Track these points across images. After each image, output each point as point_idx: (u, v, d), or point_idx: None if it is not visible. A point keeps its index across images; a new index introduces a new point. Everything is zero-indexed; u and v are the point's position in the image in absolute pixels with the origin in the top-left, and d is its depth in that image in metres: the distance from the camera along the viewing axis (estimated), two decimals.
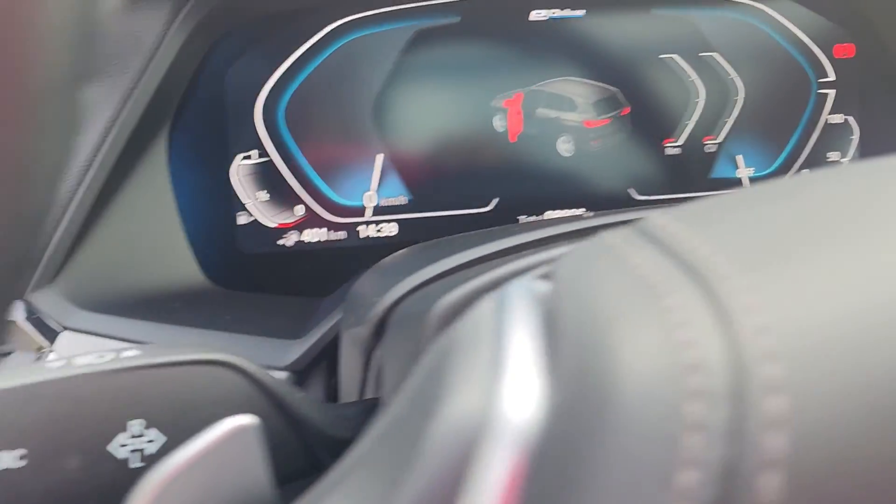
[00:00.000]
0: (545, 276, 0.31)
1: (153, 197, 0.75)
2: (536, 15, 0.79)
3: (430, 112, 0.79)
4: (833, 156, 0.85)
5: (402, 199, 0.80)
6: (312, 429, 0.43)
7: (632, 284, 0.22)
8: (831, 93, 0.84)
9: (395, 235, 0.80)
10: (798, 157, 0.84)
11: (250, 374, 0.44)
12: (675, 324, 0.20)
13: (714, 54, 0.82)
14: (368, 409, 0.45)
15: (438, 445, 0.22)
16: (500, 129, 0.80)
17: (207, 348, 0.42)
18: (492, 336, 0.25)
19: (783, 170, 0.84)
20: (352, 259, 0.76)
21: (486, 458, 0.20)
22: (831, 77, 0.84)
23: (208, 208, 0.77)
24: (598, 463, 0.18)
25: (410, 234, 0.80)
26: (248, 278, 0.79)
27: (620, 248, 0.25)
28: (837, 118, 0.85)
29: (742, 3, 0.82)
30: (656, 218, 0.26)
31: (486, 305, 0.28)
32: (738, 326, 0.19)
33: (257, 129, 0.77)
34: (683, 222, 0.25)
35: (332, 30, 0.76)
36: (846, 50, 0.84)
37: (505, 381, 0.22)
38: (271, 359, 0.65)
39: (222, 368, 0.43)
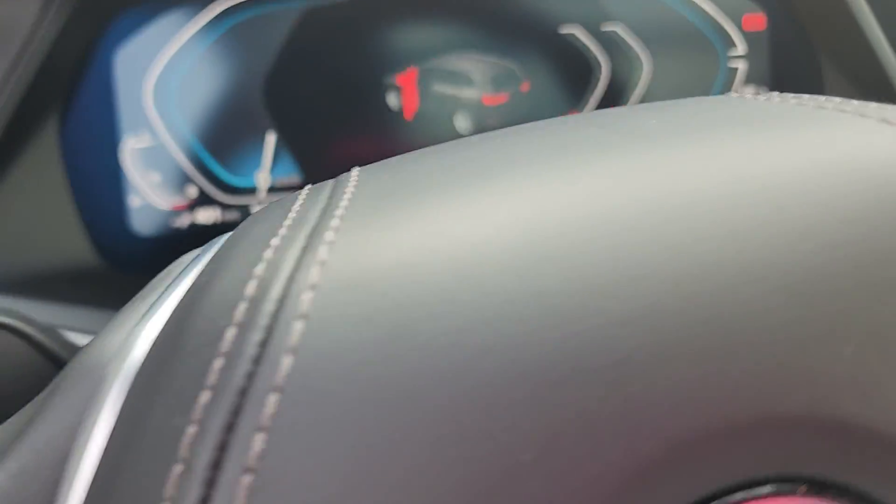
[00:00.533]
0: None
1: (45, 180, 0.76)
2: None
3: (322, 91, 0.79)
4: None
5: (294, 179, 0.79)
6: None
7: (266, 229, 0.24)
8: (742, 65, 0.81)
9: None
10: None
11: (30, 336, 0.43)
12: (261, 261, 0.21)
13: (616, 28, 0.80)
14: None
15: (73, 378, 0.25)
16: (395, 107, 0.79)
17: None
18: (165, 281, 0.29)
19: None
20: None
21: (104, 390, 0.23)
22: (741, 50, 0.81)
23: (101, 191, 0.78)
24: (162, 382, 0.20)
25: None
26: (143, 260, 0.79)
27: (296, 198, 0.27)
28: (749, 91, 0.82)
29: None
30: (354, 170, 0.29)
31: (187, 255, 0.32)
32: (303, 263, 0.20)
33: (147, 111, 0.77)
34: (359, 176, 0.27)
35: (220, 12, 0.77)
36: (756, 21, 0.81)
37: (145, 323, 0.25)
38: None
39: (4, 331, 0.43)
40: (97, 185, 0.78)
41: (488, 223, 0.21)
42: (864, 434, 0.17)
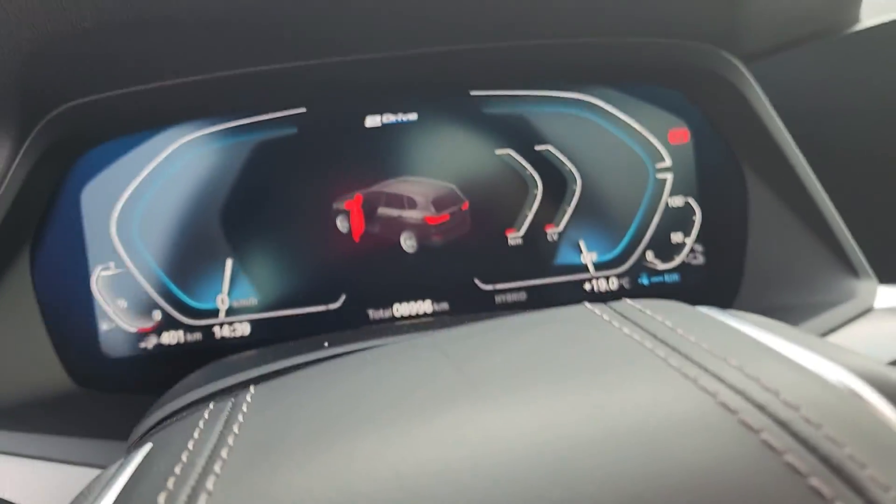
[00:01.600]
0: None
1: (18, 310, 0.81)
2: (371, 121, 0.84)
3: (275, 216, 0.84)
4: (677, 237, 0.87)
5: (253, 301, 0.84)
6: None
7: (166, 464, 0.30)
8: (669, 176, 0.87)
9: (248, 335, 0.85)
10: (641, 240, 0.87)
11: None
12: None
13: (548, 147, 0.86)
14: None
15: None
16: (344, 230, 0.85)
17: None
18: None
19: (628, 253, 0.87)
20: (209, 358, 0.81)
21: None
22: (667, 162, 0.87)
23: (73, 317, 0.83)
24: None
25: (262, 332, 0.84)
26: (113, 380, 0.84)
27: (196, 423, 0.32)
28: (677, 201, 0.87)
29: (571, 98, 0.85)
30: (250, 392, 0.35)
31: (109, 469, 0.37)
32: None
33: (113, 242, 0.83)
34: (247, 410, 0.32)
35: (176, 148, 0.82)
36: (681, 135, 0.87)
37: None
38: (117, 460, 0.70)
39: None
40: (69, 312, 0.83)
41: (337, 485, 0.25)
42: None
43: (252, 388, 0.36)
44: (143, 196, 0.83)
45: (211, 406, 0.35)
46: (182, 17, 0.60)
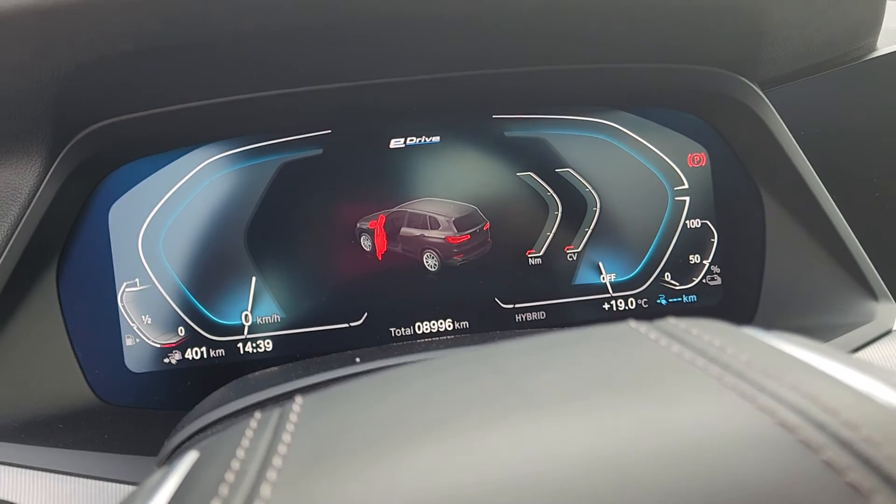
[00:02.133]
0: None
1: (44, 325, 0.82)
2: (396, 143, 0.85)
3: (300, 235, 0.85)
4: (694, 258, 0.89)
5: (276, 318, 0.85)
6: None
7: (216, 472, 0.31)
8: (687, 199, 0.88)
9: (270, 351, 0.85)
10: (660, 261, 0.88)
11: None
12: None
13: (569, 169, 0.87)
14: None
15: None
16: (367, 248, 0.86)
17: None
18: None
19: (646, 274, 0.88)
20: (232, 374, 0.82)
21: None
22: (686, 184, 0.88)
23: (98, 333, 0.84)
24: None
25: (285, 349, 0.85)
26: (136, 395, 0.85)
27: (244, 431, 0.33)
28: (695, 223, 0.88)
29: (591, 121, 0.87)
30: (297, 401, 0.35)
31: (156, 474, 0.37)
32: None
33: (140, 258, 0.84)
34: (298, 417, 0.33)
35: (203, 167, 0.84)
36: (699, 158, 0.88)
37: None
38: (140, 475, 0.71)
39: None
40: (93, 327, 0.84)
41: (392, 490, 0.26)
42: None
43: (299, 398, 0.36)
44: (169, 214, 0.84)
45: (257, 415, 0.36)
46: (214, 42, 0.61)
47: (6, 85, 0.62)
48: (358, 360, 0.61)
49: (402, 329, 0.87)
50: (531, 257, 0.88)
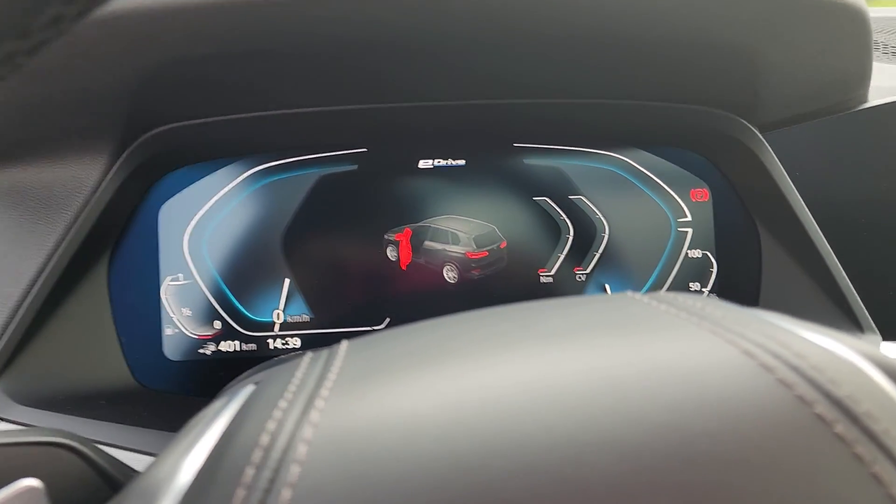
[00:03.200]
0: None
1: (93, 310, 0.90)
2: (424, 163, 0.94)
3: (332, 243, 0.93)
4: (694, 286, 0.95)
5: (305, 318, 0.93)
6: None
7: (275, 392, 0.35)
8: (689, 231, 0.95)
9: (298, 348, 0.92)
10: (662, 286, 0.95)
11: (85, 454, 0.55)
12: (272, 419, 0.32)
13: (581, 197, 0.95)
14: None
15: (131, 500, 0.34)
16: (393, 259, 0.93)
17: (51, 431, 0.53)
18: (201, 422, 0.38)
19: None
20: None
21: None
22: (689, 217, 0.95)
23: (140, 321, 0.91)
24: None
25: (311, 346, 0.92)
26: (172, 382, 0.92)
27: (298, 365, 0.38)
28: (696, 253, 0.95)
29: (604, 154, 0.95)
30: (343, 343, 0.41)
31: (217, 402, 0.42)
32: (302, 423, 0.31)
33: (184, 255, 0.92)
34: (345, 352, 0.38)
35: (247, 176, 0.92)
36: (701, 194, 0.96)
37: (186, 457, 0.34)
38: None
39: (60, 449, 0.54)
40: (137, 316, 0.91)
41: (425, 401, 0.31)
42: None
43: (344, 342, 0.42)
44: (214, 217, 0.92)
45: (309, 354, 0.42)
46: (278, 51, 0.70)
47: (89, 81, 0.71)
48: None
49: None
50: (543, 276, 0.95)
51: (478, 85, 0.86)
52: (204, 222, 0.92)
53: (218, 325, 0.92)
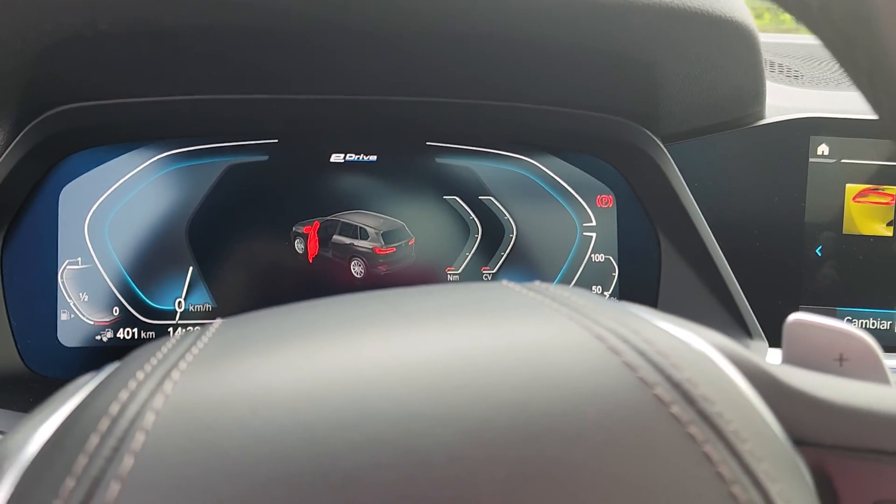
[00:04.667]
0: None
1: None
2: (336, 157, 0.94)
3: (238, 233, 0.92)
4: (597, 288, 0.98)
5: (208, 307, 0.91)
6: None
7: (138, 364, 0.34)
8: (593, 235, 0.98)
9: None
10: None
11: None
12: (125, 389, 0.32)
13: (491, 198, 0.96)
14: None
15: None
16: (300, 251, 0.93)
17: None
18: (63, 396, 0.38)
19: None
20: None
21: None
22: (594, 222, 0.98)
23: (34, 305, 0.89)
24: (44, 472, 0.30)
25: None
26: (65, 368, 0.89)
27: (169, 340, 0.38)
28: (599, 257, 0.98)
29: (515, 157, 0.97)
30: (217, 321, 0.40)
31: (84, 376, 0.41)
32: (155, 393, 0.31)
33: (85, 240, 0.90)
34: (217, 328, 0.38)
35: (154, 161, 0.91)
36: (607, 200, 0.98)
37: (39, 427, 0.34)
38: None
39: None
40: (31, 299, 0.89)
41: (279, 374, 0.31)
42: None
43: (219, 319, 0.42)
44: (118, 201, 0.90)
45: (179, 332, 0.42)
46: (183, 31, 0.69)
47: None
48: None
49: None
50: (450, 274, 0.96)
51: (391, 81, 0.87)
52: (107, 207, 0.90)
53: (116, 311, 0.90)
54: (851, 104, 0.96)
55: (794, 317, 0.46)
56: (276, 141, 0.93)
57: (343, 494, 0.27)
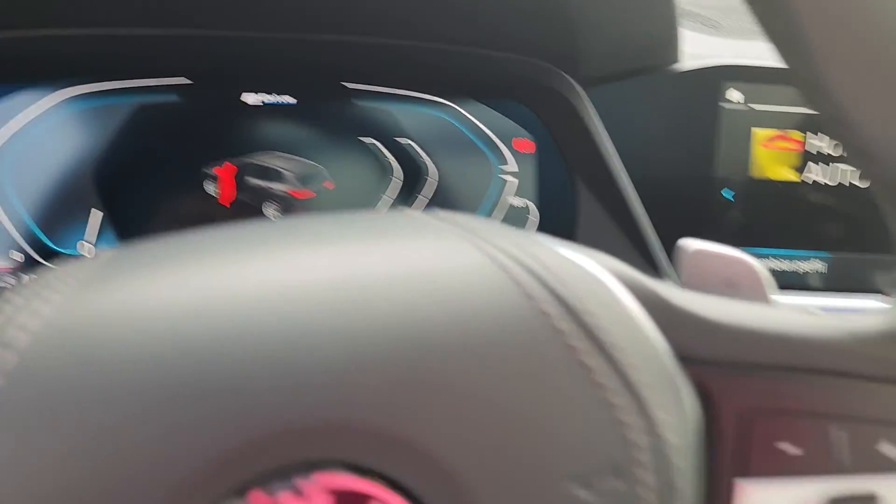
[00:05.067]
0: None
1: None
2: (251, 98, 0.91)
3: (147, 175, 0.89)
4: None
5: None
6: None
7: (22, 287, 0.33)
8: (512, 180, 0.98)
9: None
10: None
11: None
12: None
13: (409, 140, 0.96)
14: None
15: None
16: (212, 193, 0.91)
17: None
18: None
19: None
20: None
21: None
22: (510, 165, 0.98)
23: None
24: None
25: None
26: None
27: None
28: (519, 202, 0.99)
29: (434, 101, 0.96)
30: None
31: None
32: (24, 310, 0.30)
33: None
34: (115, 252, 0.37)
35: (58, 102, 0.87)
36: (525, 144, 0.99)
37: None
38: None
39: None
40: None
41: (165, 294, 0.31)
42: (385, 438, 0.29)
43: (107, 249, 0.41)
44: (18, 141, 0.86)
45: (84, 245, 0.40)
46: None
47: None
48: None
49: None
50: None
51: (305, 18, 0.84)
52: (7, 146, 0.86)
53: (17, 255, 0.87)
54: (766, 54, 0.98)
55: (685, 243, 0.48)
56: (187, 81, 0.90)
57: (222, 405, 0.28)
